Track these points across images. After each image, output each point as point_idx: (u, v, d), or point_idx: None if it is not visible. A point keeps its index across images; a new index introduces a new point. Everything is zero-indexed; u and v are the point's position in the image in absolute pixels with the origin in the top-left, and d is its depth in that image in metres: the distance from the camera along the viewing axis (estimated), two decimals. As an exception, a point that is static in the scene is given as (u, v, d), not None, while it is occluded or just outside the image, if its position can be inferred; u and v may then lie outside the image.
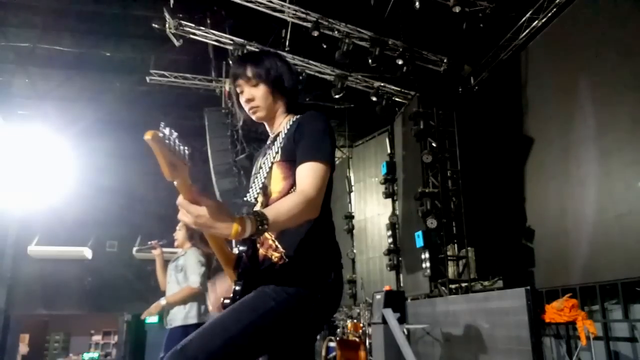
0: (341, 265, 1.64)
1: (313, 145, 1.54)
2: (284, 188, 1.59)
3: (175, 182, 1.20)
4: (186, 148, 1.20)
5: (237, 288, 1.51)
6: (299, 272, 1.52)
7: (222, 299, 1.55)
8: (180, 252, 4.10)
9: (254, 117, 1.74)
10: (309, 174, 1.49)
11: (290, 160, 1.58)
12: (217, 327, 1.41)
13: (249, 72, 1.67)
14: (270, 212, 1.33)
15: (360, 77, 8.68)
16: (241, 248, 1.54)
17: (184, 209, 1.22)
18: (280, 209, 1.36)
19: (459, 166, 7.89)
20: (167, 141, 1.12)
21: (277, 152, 1.62)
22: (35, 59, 8.58)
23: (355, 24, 7.48)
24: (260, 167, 1.67)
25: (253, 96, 1.69)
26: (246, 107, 1.72)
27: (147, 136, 1.08)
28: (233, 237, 1.26)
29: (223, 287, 1.71)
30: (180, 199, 1.23)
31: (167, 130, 1.13)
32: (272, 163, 1.62)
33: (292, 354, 1.62)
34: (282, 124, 1.72)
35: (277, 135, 1.69)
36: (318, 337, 8.39)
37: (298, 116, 1.69)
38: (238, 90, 1.73)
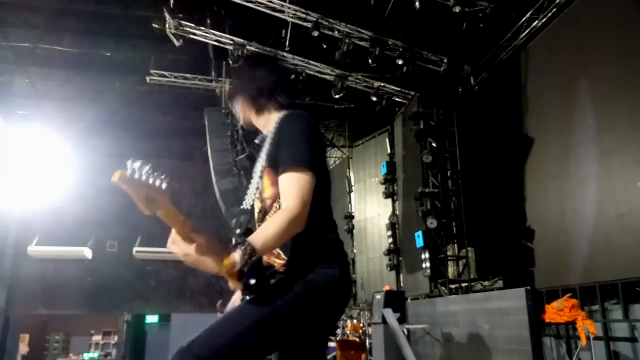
0: (347, 262, 1.63)
1: (290, 152, 1.52)
2: (273, 194, 1.60)
3: (157, 214, 1.17)
4: (163, 176, 1.16)
5: (247, 298, 1.51)
6: (303, 273, 1.52)
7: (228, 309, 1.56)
8: None
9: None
10: (290, 187, 1.47)
11: (274, 166, 1.57)
12: (224, 325, 1.43)
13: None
14: (258, 240, 1.35)
15: (360, 77, 8.68)
16: None
17: (175, 243, 1.25)
18: (267, 233, 1.38)
19: (459, 166, 7.89)
20: (136, 176, 1.09)
21: (265, 157, 1.63)
22: (35, 59, 8.58)
23: (355, 24, 7.47)
24: (255, 172, 1.68)
25: (237, 112, 1.85)
26: None
27: (114, 178, 1.06)
28: (223, 273, 1.29)
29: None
30: (173, 234, 1.25)
31: (136, 165, 1.10)
32: (263, 168, 1.63)
33: (304, 352, 1.62)
34: (270, 122, 1.71)
35: (267, 136, 1.69)
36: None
37: (282, 115, 1.66)
38: None
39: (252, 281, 1.50)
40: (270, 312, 1.44)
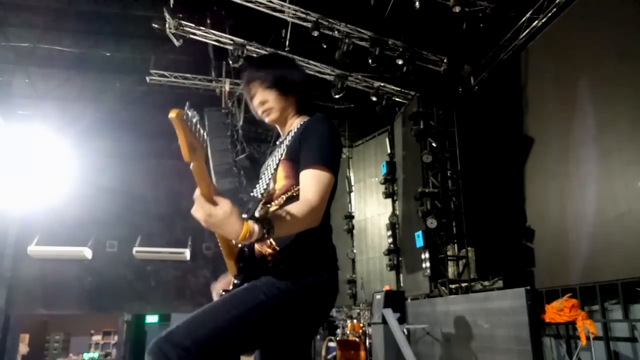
0: (336, 267, 1.64)
1: (317, 150, 1.55)
2: (284, 186, 1.62)
3: (191, 165, 1.21)
4: (205, 133, 1.22)
5: (236, 282, 1.53)
6: (291, 269, 1.53)
7: (221, 291, 1.57)
8: None
9: (267, 120, 1.76)
10: (313, 181, 1.49)
11: (294, 160, 1.60)
12: (206, 316, 1.42)
13: (262, 76, 1.70)
14: (277, 219, 1.35)
15: (360, 77, 8.67)
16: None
17: (199, 204, 1.24)
18: (286, 217, 1.37)
19: (459, 166, 7.89)
20: (189, 123, 1.14)
21: (284, 151, 1.64)
22: (35, 59, 8.57)
23: (355, 24, 7.47)
24: (268, 165, 1.69)
25: (266, 99, 1.72)
26: (259, 110, 1.75)
27: (172, 114, 1.10)
28: (239, 241, 1.28)
29: (226, 279, 1.73)
30: (197, 194, 1.24)
31: (190, 112, 1.16)
32: (279, 161, 1.64)
33: (286, 353, 1.62)
34: (294, 124, 1.74)
35: (287, 134, 1.72)
36: (318, 337, 8.39)
37: (307, 118, 1.71)
38: (251, 93, 1.75)
39: (244, 268, 1.53)
40: (254, 306, 1.44)
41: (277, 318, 1.48)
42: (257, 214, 1.57)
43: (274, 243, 1.57)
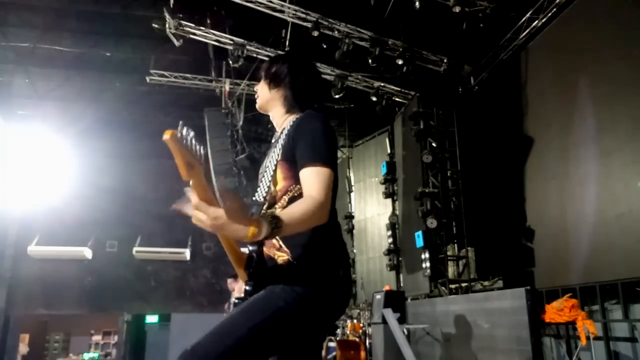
0: (349, 264, 1.64)
1: (311, 148, 1.54)
2: (284, 187, 1.62)
3: (190, 182, 1.19)
4: (201, 148, 1.20)
5: (248, 288, 1.52)
6: (306, 271, 1.52)
7: (234, 300, 1.57)
8: None
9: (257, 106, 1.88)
10: (314, 179, 1.48)
11: (290, 161, 1.59)
12: (228, 327, 1.42)
13: (261, 72, 1.85)
14: (284, 216, 1.33)
15: (360, 77, 8.68)
16: (251, 248, 1.56)
17: (202, 210, 1.21)
18: (294, 213, 1.36)
19: (459, 166, 7.89)
20: (184, 141, 1.13)
21: (279, 151, 1.64)
22: (35, 59, 8.57)
23: (355, 24, 7.47)
24: (267, 166, 1.69)
25: (258, 88, 1.84)
26: None
27: (166, 136, 1.09)
28: (249, 239, 1.26)
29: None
30: (196, 201, 1.22)
31: (184, 130, 1.14)
32: (277, 162, 1.64)
33: (301, 352, 1.63)
34: (286, 121, 1.74)
35: (281, 133, 1.71)
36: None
37: (299, 115, 1.70)
38: None
39: (255, 273, 1.53)
40: (274, 313, 1.44)
41: (298, 322, 1.49)
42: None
43: (284, 246, 1.56)
